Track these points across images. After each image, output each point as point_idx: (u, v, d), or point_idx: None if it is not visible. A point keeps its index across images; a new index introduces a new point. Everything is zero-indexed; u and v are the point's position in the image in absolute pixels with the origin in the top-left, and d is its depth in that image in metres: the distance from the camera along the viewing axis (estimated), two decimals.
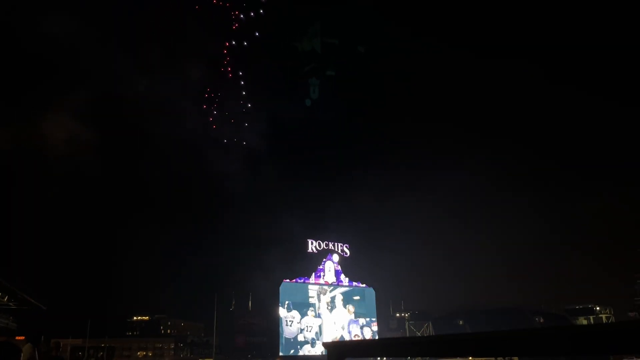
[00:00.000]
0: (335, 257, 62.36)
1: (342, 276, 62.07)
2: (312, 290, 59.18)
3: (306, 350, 55.89)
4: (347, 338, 58.44)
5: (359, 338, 59.10)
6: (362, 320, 61.22)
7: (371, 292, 63.65)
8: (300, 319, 56.87)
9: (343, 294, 61.23)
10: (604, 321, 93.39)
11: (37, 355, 11.79)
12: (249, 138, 55.28)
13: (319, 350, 55.96)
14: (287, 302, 56.90)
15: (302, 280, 59.20)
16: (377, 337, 60.32)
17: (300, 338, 56.24)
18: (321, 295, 59.50)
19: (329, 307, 59.46)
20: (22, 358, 12.39)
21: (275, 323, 57.14)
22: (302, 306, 57.64)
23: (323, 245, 61.97)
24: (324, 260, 61.45)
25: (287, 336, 55.56)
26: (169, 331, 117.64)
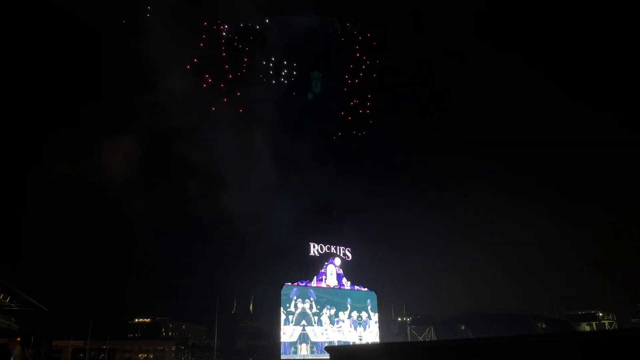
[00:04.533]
0: (337, 261, 62.31)
1: (344, 280, 62.01)
2: (314, 293, 59.13)
3: (307, 354, 55.81)
4: (348, 341, 58.36)
5: (361, 342, 59.00)
6: (363, 324, 61.11)
7: (373, 296, 63.57)
8: (302, 323, 56.81)
9: (345, 297, 61.17)
10: (607, 327, 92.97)
11: (29, 356, 11.83)
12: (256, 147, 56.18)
13: (319, 354, 55.85)
14: (288, 305, 56.88)
15: (303, 284, 59.17)
16: (378, 342, 60.17)
17: (301, 341, 56.16)
18: (323, 299, 59.42)
19: (330, 311, 59.36)
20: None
21: (276, 326, 57.08)
22: (304, 309, 57.59)
23: (325, 248, 61.94)
24: (326, 263, 61.41)
25: (288, 339, 55.49)
26: (170, 334, 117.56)
